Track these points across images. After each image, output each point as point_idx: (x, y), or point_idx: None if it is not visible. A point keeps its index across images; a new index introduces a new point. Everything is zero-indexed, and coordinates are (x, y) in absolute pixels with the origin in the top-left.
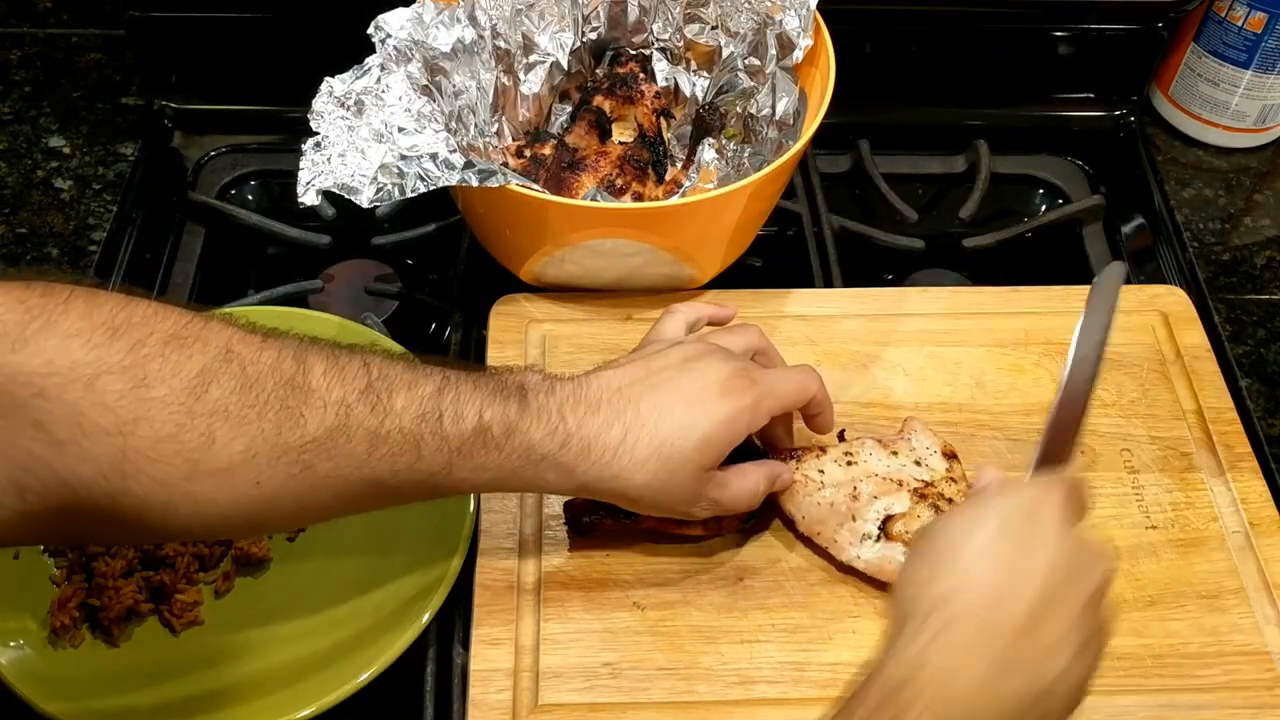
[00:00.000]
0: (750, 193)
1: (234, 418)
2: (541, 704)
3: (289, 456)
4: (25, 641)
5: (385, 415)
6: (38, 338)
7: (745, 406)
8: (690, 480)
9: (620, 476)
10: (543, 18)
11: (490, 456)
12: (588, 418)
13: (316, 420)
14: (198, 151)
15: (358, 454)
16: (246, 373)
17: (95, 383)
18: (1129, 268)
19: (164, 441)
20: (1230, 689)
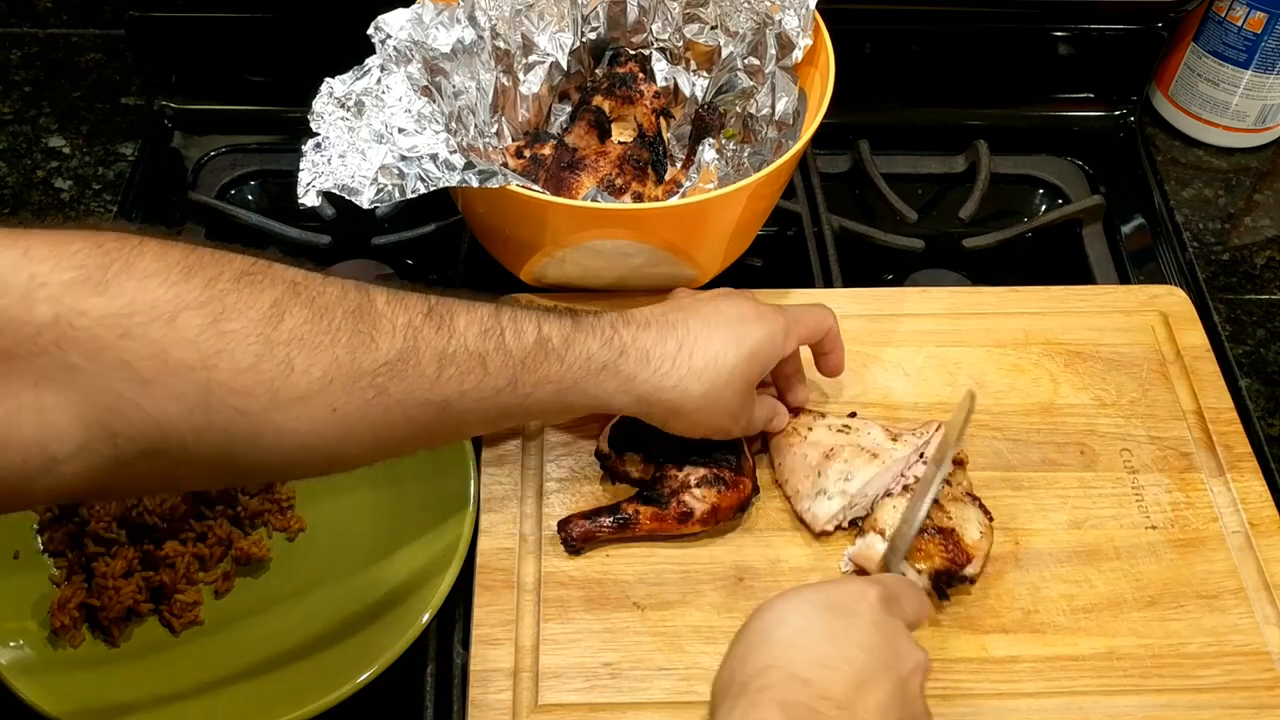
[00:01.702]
0: (750, 193)
1: (309, 344)
2: (541, 704)
3: (363, 380)
4: (25, 641)
5: (450, 335)
6: (118, 280)
7: (779, 328)
8: (738, 393)
9: (680, 385)
10: (542, 18)
11: (552, 367)
12: (640, 332)
13: (387, 343)
14: (198, 151)
15: (427, 374)
16: (316, 303)
17: (176, 319)
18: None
19: (245, 372)
20: (1230, 689)
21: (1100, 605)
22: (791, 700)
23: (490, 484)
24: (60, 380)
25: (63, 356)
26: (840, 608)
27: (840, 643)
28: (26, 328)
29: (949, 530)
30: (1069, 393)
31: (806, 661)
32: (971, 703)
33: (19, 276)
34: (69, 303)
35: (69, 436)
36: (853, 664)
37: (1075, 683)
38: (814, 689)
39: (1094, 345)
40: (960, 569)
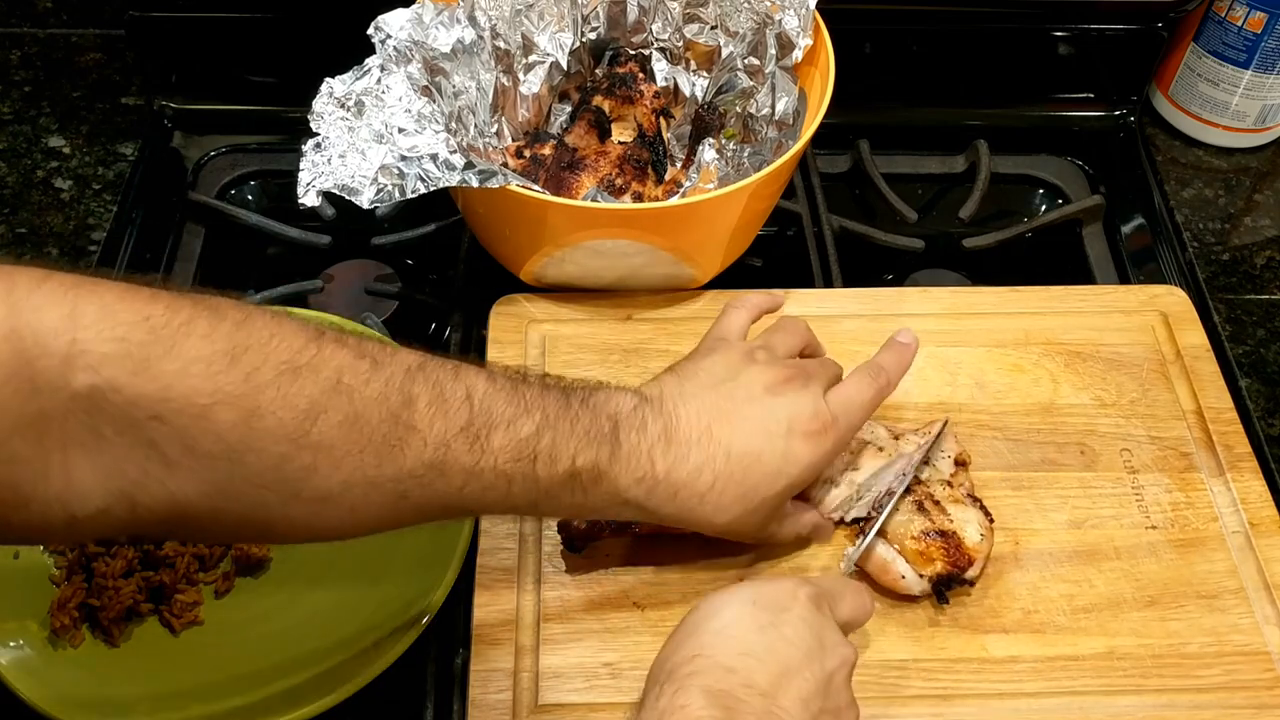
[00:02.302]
0: (750, 193)
1: (337, 451)
2: (541, 704)
3: (385, 488)
4: (25, 641)
5: (482, 454)
6: (160, 362)
7: (827, 451)
8: (763, 522)
9: (704, 519)
10: (542, 18)
11: (576, 499)
12: (677, 465)
13: (415, 456)
14: (198, 151)
15: (451, 488)
16: (353, 406)
17: (209, 411)
18: (1129, 268)
19: (268, 471)
20: (1230, 689)
21: (1100, 605)
22: (716, 687)
23: None
24: (89, 447)
25: (93, 425)
26: (771, 603)
27: (767, 636)
28: (63, 393)
29: (950, 533)
30: (1069, 393)
31: (733, 652)
32: (971, 703)
33: (60, 340)
34: (107, 376)
35: (90, 500)
36: (777, 656)
37: (1075, 683)
38: (738, 677)
39: (1094, 345)
40: (961, 572)
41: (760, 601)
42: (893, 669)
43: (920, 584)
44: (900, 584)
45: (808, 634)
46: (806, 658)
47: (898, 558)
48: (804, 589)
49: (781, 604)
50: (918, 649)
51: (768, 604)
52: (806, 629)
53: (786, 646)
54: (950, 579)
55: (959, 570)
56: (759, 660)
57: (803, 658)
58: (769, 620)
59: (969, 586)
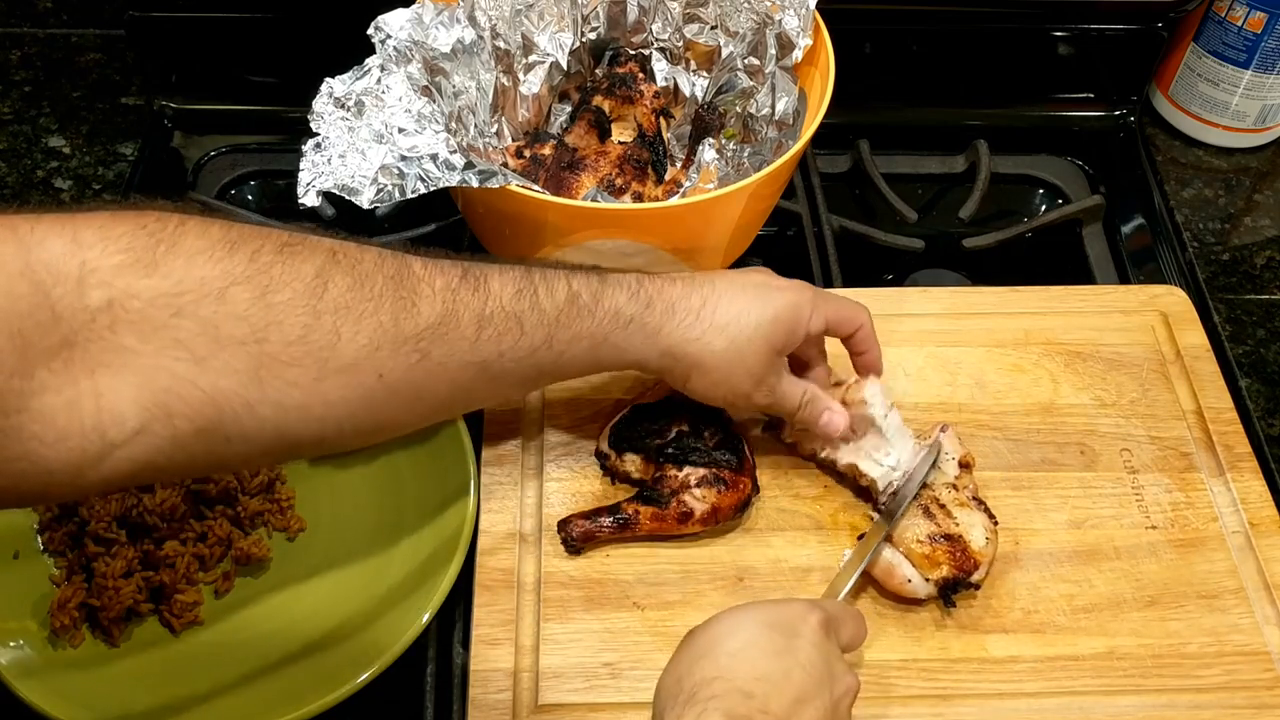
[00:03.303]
0: (750, 193)
1: (354, 313)
2: (541, 704)
3: (407, 345)
4: (25, 641)
5: (487, 296)
6: (166, 259)
7: (806, 298)
8: (761, 356)
9: (703, 339)
10: (542, 18)
11: (584, 323)
12: (666, 286)
13: (428, 308)
14: (198, 151)
15: (467, 336)
16: (356, 270)
17: (225, 294)
18: (1129, 268)
19: (294, 344)
20: (1230, 689)
21: (1100, 605)
22: (736, 711)
23: (490, 484)
24: (116, 365)
25: (117, 340)
26: (784, 627)
27: (783, 661)
28: (82, 314)
29: (956, 537)
30: (1069, 393)
31: (750, 677)
32: (971, 703)
33: (70, 264)
34: (121, 286)
35: (127, 420)
36: (792, 682)
37: (1075, 683)
38: (756, 703)
39: (1094, 345)
40: (967, 576)
41: (775, 624)
42: (893, 669)
43: (926, 588)
44: (906, 588)
45: (819, 661)
46: (818, 686)
47: (904, 562)
48: (814, 614)
49: (794, 628)
50: (918, 649)
51: (782, 627)
52: (818, 655)
53: (800, 673)
54: (956, 583)
55: (965, 574)
56: (775, 686)
57: (815, 685)
58: (784, 645)
59: (974, 590)
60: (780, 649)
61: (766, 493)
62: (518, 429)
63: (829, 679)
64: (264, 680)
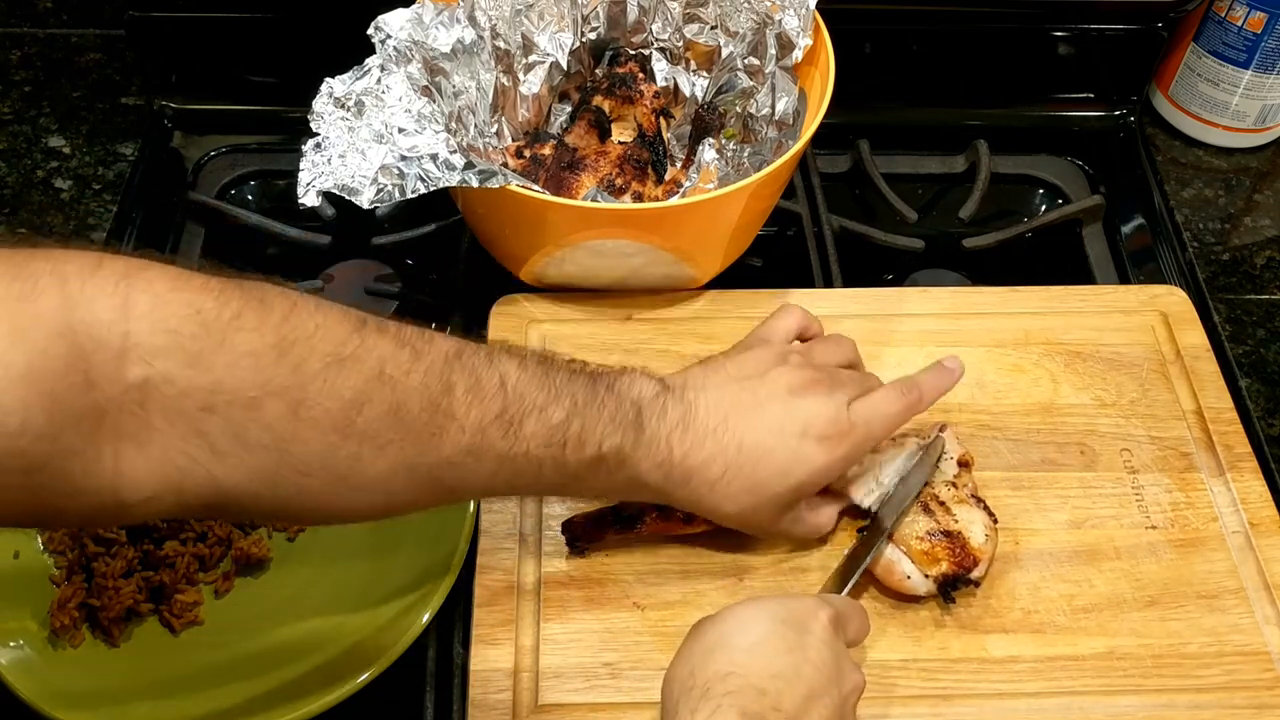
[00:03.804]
0: (750, 193)
1: (380, 440)
2: (541, 704)
3: (425, 475)
4: (25, 641)
5: (515, 440)
6: (212, 356)
7: (840, 458)
8: (773, 516)
9: (712, 506)
10: (542, 18)
11: (600, 481)
12: (693, 451)
13: (453, 444)
14: (198, 151)
15: (484, 473)
16: (396, 396)
17: (258, 403)
18: (1129, 268)
19: (314, 460)
20: (1230, 689)
21: (1100, 605)
22: (750, 709)
23: None
24: (140, 438)
25: (145, 417)
26: (796, 623)
27: (794, 657)
28: (117, 385)
29: (955, 534)
30: (1069, 393)
31: (764, 674)
32: (971, 703)
33: (114, 334)
34: (160, 369)
35: (140, 489)
36: (804, 679)
37: (1075, 683)
38: (769, 700)
39: (1094, 345)
40: (967, 573)
41: (786, 620)
42: (893, 669)
43: (926, 584)
44: (906, 584)
45: (829, 658)
46: (828, 683)
47: (903, 558)
48: (824, 610)
49: (805, 625)
50: (918, 649)
51: (793, 623)
52: (828, 653)
53: (812, 670)
54: (956, 579)
55: (964, 570)
56: (787, 683)
57: (825, 682)
58: (795, 641)
59: (974, 587)
60: (792, 645)
61: None
62: None
63: (838, 676)
64: (264, 680)
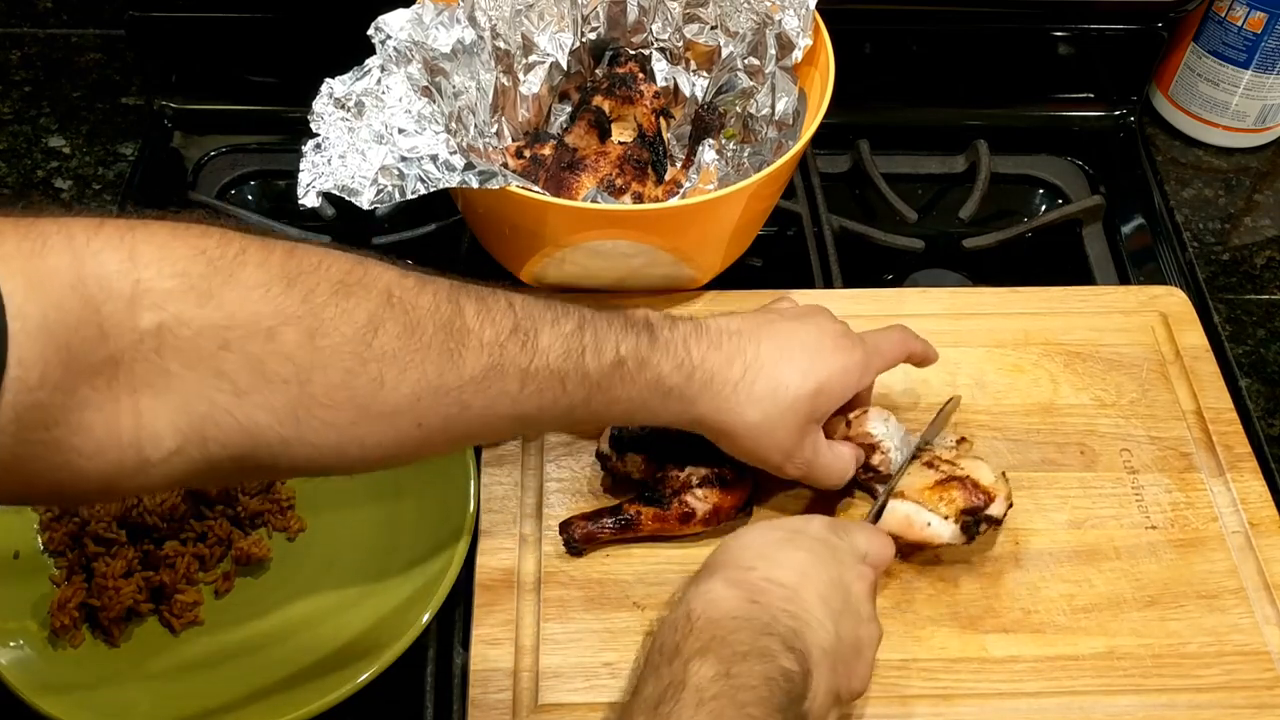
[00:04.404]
0: (750, 193)
1: (400, 361)
2: (541, 704)
3: (449, 397)
4: (25, 641)
5: (534, 354)
6: (221, 291)
7: (856, 362)
8: (796, 428)
9: (735, 411)
10: (542, 18)
11: (625, 389)
12: (710, 352)
13: (473, 360)
14: (198, 151)
15: (510, 391)
16: (409, 317)
17: (275, 333)
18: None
19: (336, 388)
20: (1230, 689)
21: (1100, 605)
22: (737, 578)
23: (490, 484)
24: (158, 386)
25: (162, 364)
26: (789, 526)
27: (786, 548)
28: (131, 334)
29: (963, 477)
30: (1069, 393)
31: (751, 556)
32: (971, 703)
33: (125, 282)
34: (173, 311)
35: (164, 441)
36: (793, 561)
37: (1075, 683)
38: (758, 573)
39: (1094, 345)
40: (984, 507)
41: (779, 525)
42: (893, 669)
43: (948, 526)
44: (928, 532)
45: (822, 548)
46: (820, 562)
47: (920, 509)
48: (818, 517)
49: (799, 527)
50: (918, 649)
51: (786, 527)
52: (820, 544)
53: (802, 554)
54: (975, 513)
55: (981, 505)
56: (776, 563)
57: (817, 561)
58: (787, 537)
59: (997, 526)
60: (783, 540)
61: (767, 492)
62: None
63: (833, 560)
64: (264, 680)
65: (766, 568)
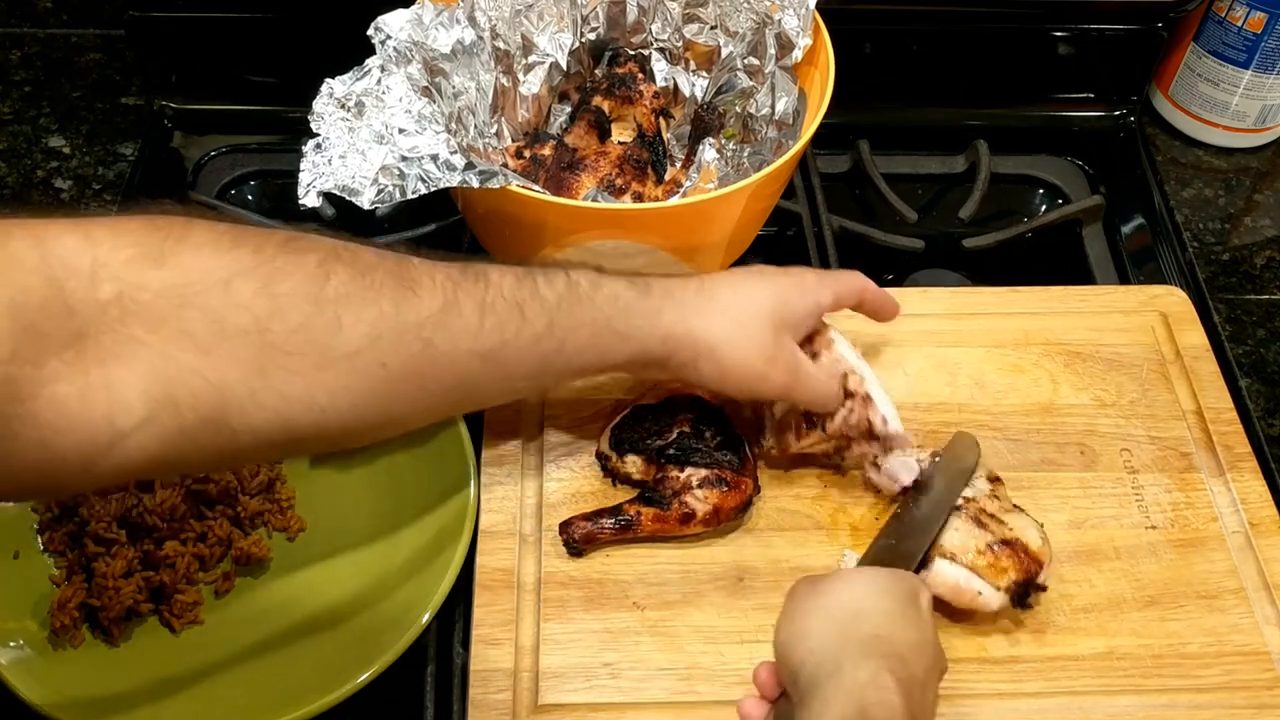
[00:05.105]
0: (750, 193)
1: (355, 301)
2: (541, 704)
3: (410, 334)
4: (25, 641)
5: (488, 286)
6: (174, 253)
7: (810, 277)
8: (770, 331)
9: (702, 319)
10: (542, 18)
11: (585, 310)
12: (664, 277)
13: (429, 297)
14: (198, 151)
15: (470, 325)
16: (358, 263)
17: (230, 285)
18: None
19: (296, 332)
20: (1230, 689)
21: (1100, 605)
22: (899, 674)
23: (490, 484)
24: (125, 355)
25: (127, 332)
26: (911, 598)
27: (920, 632)
28: (94, 306)
29: (1014, 540)
30: (1069, 393)
31: (903, 642)
32: (971, 703)
33: (83, 259)
34: (130, 279)
35: (135, 409)
36: (926, 654)
37: (1075, 683)
38: (908, 669)
39: (1094, 345)
40: (1035, 576)
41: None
42: None
43: (999, 597)
44: (979, 601)
45: (934, 636)
46: (938, 656)
47: (971, 576)
48: (925, 590)
49: (917, 602)
50: None
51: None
52: (933, 631)
53: (931, 646)
54: (1027, 585)
55: (1032, 575)
56: (917, 654)
57: (937, 655)
58: (916, 617)
59: (1043, 591)
60: (914, 620)
61: (767, 492)
62: (518, 429)
63: (941, 654)
64: (264, 680)
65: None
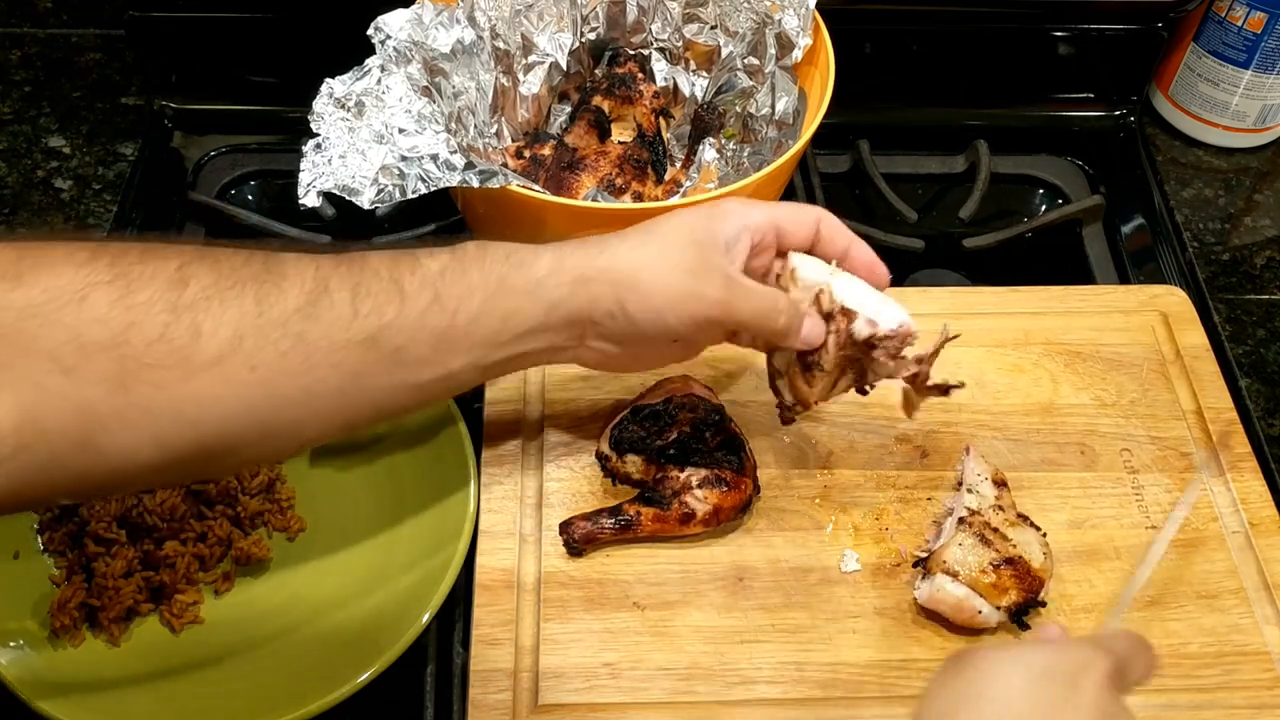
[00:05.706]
0: (750, 193)
1: (215, 304)
2: (541, 704)
3: (276, 331)
4: (25, 641)
5: (361, 269)
6: (32, 271)
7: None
8: (693, 253)
9: (615, 254)
10: (541, 18)
11: (473, 273)
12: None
13: (296, 290)
14: (198, 151)
15: (343, 312)
16: (220, 265)
17: (87, 298)
18: (1129, 268)
19: (155, 343)
20: (1230, 689)
21: (1100, 605)
22: None
23: (490, 484)
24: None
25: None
26: (1062, 677)
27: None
28: None
29: (1017, 559)
30: (1069, 393)
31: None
32: None
33: None
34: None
35: (5, 437)
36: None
37: None
38: None
39: (1094, 345)
40: (1035, 596)
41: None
42: (893, 669)
43: (997, 616)
44: (978, 619)
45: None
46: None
47: (971, 594)
48: (1102, 663)
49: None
50: (918, 649)
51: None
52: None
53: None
54: (1026, 605)
55: (1034, 594)
56: None
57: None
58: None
59: (1041, 608)
60: (1056, 704)
61: (767, 493)
62: (518, 429)
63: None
64: (264, 680)
65: None
